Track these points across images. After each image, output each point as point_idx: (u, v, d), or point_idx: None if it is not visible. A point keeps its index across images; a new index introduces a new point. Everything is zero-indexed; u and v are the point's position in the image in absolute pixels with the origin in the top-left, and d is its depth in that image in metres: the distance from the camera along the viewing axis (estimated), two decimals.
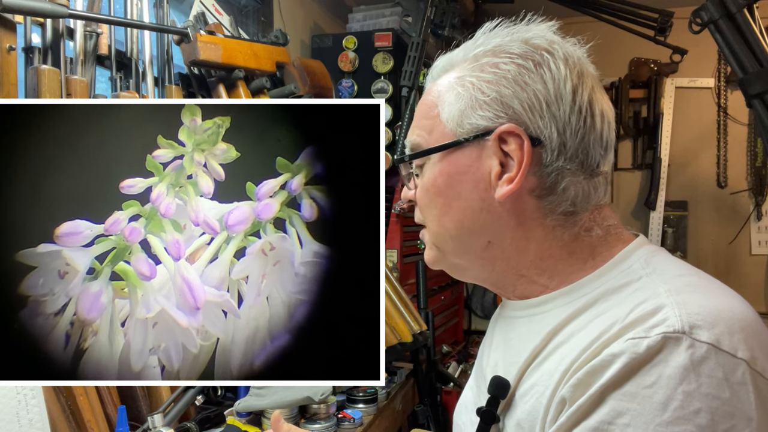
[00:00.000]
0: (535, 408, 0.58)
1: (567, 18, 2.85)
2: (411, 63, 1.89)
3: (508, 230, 0.63)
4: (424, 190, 0.68)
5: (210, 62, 1.54)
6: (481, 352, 0.77)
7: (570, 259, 0.63)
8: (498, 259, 0.65)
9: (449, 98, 0.65)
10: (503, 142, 0.61)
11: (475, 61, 0.65)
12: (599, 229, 0.64)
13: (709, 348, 0.49)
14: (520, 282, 0.66)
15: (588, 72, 0.65)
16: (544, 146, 0.61)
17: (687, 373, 0.48)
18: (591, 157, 0.62)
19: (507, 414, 0.63)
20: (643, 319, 0.52)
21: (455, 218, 0.65)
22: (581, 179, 0.62)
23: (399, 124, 2.01)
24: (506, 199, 0.62)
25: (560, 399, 0.55)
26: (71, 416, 1.02)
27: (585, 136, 0.61)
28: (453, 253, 0.68)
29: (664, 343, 0.50)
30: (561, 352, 0.58)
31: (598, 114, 0.63)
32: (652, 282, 0.58)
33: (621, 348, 0.51)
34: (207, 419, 1.26)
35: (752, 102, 1.70)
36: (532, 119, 0.61)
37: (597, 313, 0.58)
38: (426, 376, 1.81)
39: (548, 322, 0.62)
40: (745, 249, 3.13)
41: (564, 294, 0.63)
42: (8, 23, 1.05)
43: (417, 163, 0.69)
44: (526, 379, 0.62)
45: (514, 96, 0.61)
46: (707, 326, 0.50)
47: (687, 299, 0.53)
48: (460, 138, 0.63)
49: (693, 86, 3.20)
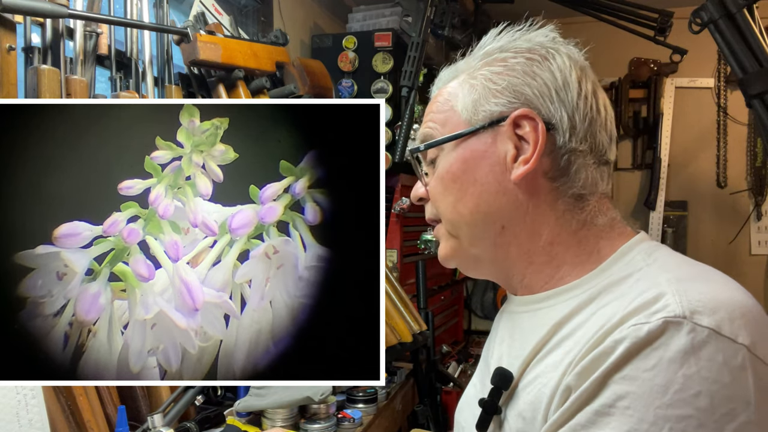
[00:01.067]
0: (537, 398, 0.59)
1: (567, 18, 2.87)
2: (411, 63, 1.89)
3: (521, 213, 0.65)
4: (439, 179, 0.69)
5: (210, 62, 1.54)
6: (487, 348, 0.78)
7: (577, 249, 0.65)
8: (511, 244, 0.67)
9: (462, 91, 0.68)
10: (517, 127, 0.64)
11: (482, 60, 0.68)
12: (604, 218, 0.66)
13: (710, 333, 0.50)
14: (529, 270, 0.67)
15: (589, 70, 0.68)
16: (556, 129, 0.64)
17: (687, 357, 0.49)
18: (599, 141, 0.65)
19: (509, 405, 0.64)
20: (645, 306, 0.53)
21: (471, 203, 0.67)
22: (591, 163, 0.65)
23: (399, 124, 2.01)
24: (521, 180, 0.64)
25: (565, 387, 0.55)
26: (71, 416, 1.02)
27: (592, 121, 0.65)
28: (468, 240, 0.69)
29: (665, 327, 0.50)
30: (566, 345, 0.59)
31: (602, 105, 0.66)
32: (653, 272, 0.59)
33: (623, 334, 0.52)
34: (207, 419, 1.26)
35: (752, 102, 1.70)
36: (544, 104, 0.64)
37: (601, 304, 0.59)
38: (426, 376, 1.81)
39: (553, 316, 0.63)
40: (745, 249, 3.13)
41: (568, 290, 0.64)
42: (8, 23, 1.05)
43: (430, 157, 0.71)
44: (530, 371, 0.62)
45: (525, 84, 0.64)
46: (708, 312, 0.51)
47: (688, 287, 0.54)
48: (476, 125, 0.66)
49: (693, 86, 3.20)
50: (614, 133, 0.68)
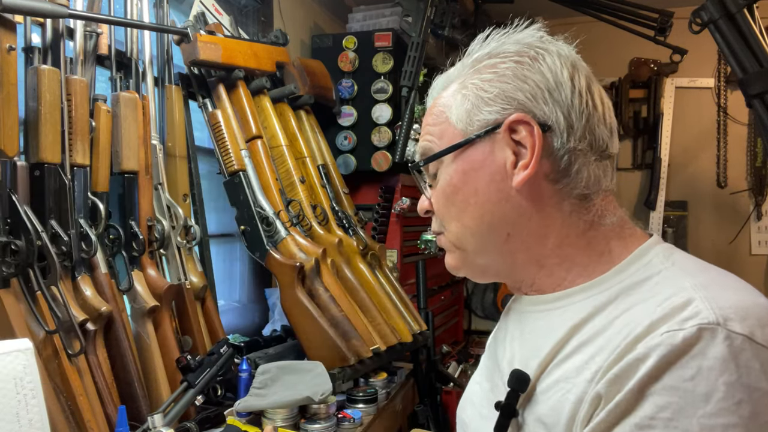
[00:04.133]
0: (560, 403, 0.58)
1: (567, 18, 2.87)
2: (411, 63, 1.89)
3: (526, 219, 0.65)
4: (441, 192, 0.69)
5: (210, 62, 1.54)
6: (494, 346, 0.77)
7: (587, 250, 0.64)
8: (519, 251, 0.66)
9: (456, 102, 0.67)
10: (513, 132, 0.63)
11: (473, 67, 0.67)
12: (612, 217, 0.65)
13: (744, 339, 0.50)
14: (540, 274, 0.67)
15: (581, 65, 0.66)
16: (552, 130, 0.63)
17: (726, 364, 0.49)
18: (598, 137, 0.64)
19: (527, 408, 0.63)
20: (675, 312, 0.53)
21: (475, 214, 0.66)
22: (592, 161, 0.64)
23: (399, 124, 2.01)
24: (523, 186, 0.63)
25: (594, 395, 0.54)
26: (71, 416, 1.02)
27: (589, 117, 0.64)
28: (475, 251, 0.69)
29: (700, 334, 0.50)
30: (588, 350, 0.58)
31: (598, 98, 0.65)
32: (675, 276, 0.58)
33: (656, 341, 0.51)
34: (207, 419, 1.26)
35: (752, 102, 1.70)
36: (538, 106, 0.63)
37: (622, 308, 0.58)
38: (426, 376, 1.81)
39: (569, 317, 0.62)
40: (745, 249, 3.13)
41: (582, 290, 0.63)
42: (8, 23, 1.04)
43: (431, 170, 0.70)
44: (549, 375, 0.61)
45: (517, 89, 0.63)
46: (739, 319, 0.51)
47: (715, 294, 0.53)
48: (471, 135, 0.65)
49: (693, 86, 3.20)
50: (614, 125, 0.66)
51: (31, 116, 1.10)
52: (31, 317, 1.02)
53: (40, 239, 1.04)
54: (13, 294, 1.01)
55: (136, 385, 1.19)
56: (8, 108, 1.02)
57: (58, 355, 1.03)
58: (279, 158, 1.69)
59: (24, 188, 1.06)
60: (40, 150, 1.10)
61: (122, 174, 1.30)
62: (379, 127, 2.12)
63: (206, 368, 1.25)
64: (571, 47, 0.67)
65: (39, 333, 1.02)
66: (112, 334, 1.19)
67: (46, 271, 1.06)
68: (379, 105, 2.13)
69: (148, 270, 1.32)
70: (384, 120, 2.12)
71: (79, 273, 1.16)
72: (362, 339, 1.46)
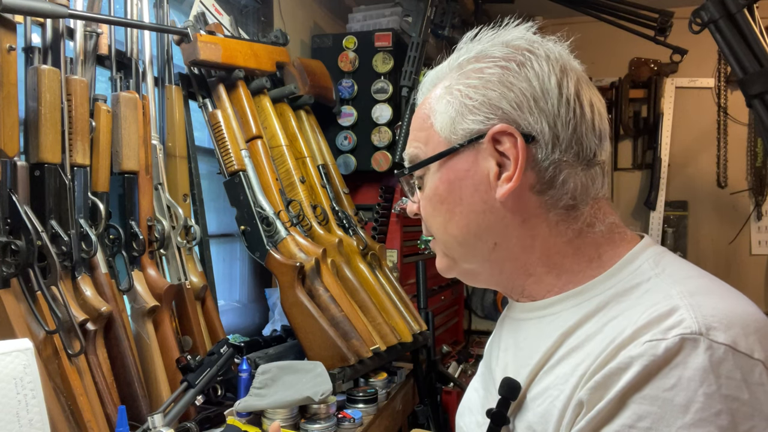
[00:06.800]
0: (548, 411, 0.58)
1: (567, 18, 2.87)
2: (411, 63, 1.89)
3: (512, 229, 0.64)
4: (427, 200, 0.69)
5: (210, 62, 1.54)
6: (489, 354, 0.77)
7: (576, 257, 0.64)
8: (506, 260, 0.66)
9: (440, 108, 0.66)
10: (497, 143, 0.62)
11: (459, 70, 0.66)
12: (601, 224, 0.64)
13: (727, 349, 0.49)
14: (528, 282, 0.67)
15: (571, 66, 0.65)
16: (537, 141, 0.61)
17: (706, 375, 0.49)
18: (586, 146, 0.63)
19: (517, 416, 0.63)
20: (658, 320, 0.52)
21: (460, 223, 0.65)
22: (579, 171, 0.63)
23: (399, 124, 2.01)
24: (507, 197, 0.62)
25: (577, 402, 0.55)
26: (71, 416, 1.02)
27: (577, 127, 0.62)
28: (462, 259, 0.69)
29: (681, 344, 0.50)
30: (576, 356, 0.58)
31: (587, 104, 0.63)
32: (663, 283, 0.58)
33: (638, 351, 0.51)
34: (207, 419, 1.26)
35: (752, 102, 1.70)
36: (522, 116, 0.61)
37: (610, 315, 0.58)
38: (426, 376, 1.81)
39: (559, 324, 0.62)
40: (745, 249, 3.13)
41: (573, 296, 0.63)
42: (8, 23, 1.04)
43: (417, 174, 0.70)
44: (538, 382, 0.61)
45: (502, 97, 0.62)
46: (723, 328, 0.50)
47: (701, 301, 0.53)
48: (455, 144, 0.64)
49: (693, 86, 3.20)
50: (605, 130, 0.65)
51: (31, 116, 1.10)
52: (31, 317, 1.02)
53: (41, 239, 1.04)
54: (13, 294, 1.01)
55: (136, 385, 1.19)
56: (8, 108, 1.02)
57: (58, 355, 1.03)
58: (279, 158, 1.69)
59: (24, 188, 1.06)
60: (41, 150, 1.10)
61: (122, 174, 1.30)
62: (379, 127, 2.12)
63: (206, 368, 1.25)
64: (563, 47, 0.66)
65: (39, 333, 1.02)
66: (112, 334, 1.19)
67: (46, 271, 1.06)
68: (379, 105, 2.13)
69: (148, 270, 1.32)
70: (384, 120, 2.12)
71: (79, 273, 1.16)
72: (362, 339, 1.47)
